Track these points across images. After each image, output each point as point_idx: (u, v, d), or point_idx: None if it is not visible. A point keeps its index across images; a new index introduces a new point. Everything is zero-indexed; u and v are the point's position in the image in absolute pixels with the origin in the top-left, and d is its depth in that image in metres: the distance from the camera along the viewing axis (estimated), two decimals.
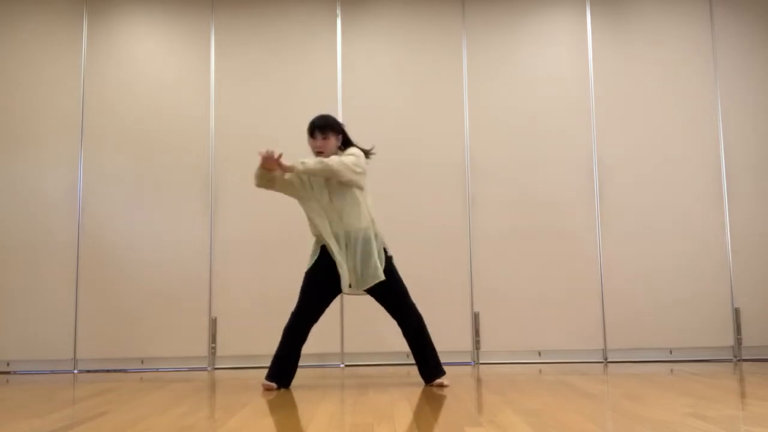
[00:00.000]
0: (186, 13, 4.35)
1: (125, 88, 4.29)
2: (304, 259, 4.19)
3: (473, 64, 4.36)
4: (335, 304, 4.14)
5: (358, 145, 3.27)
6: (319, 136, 3.16)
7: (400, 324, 3.19)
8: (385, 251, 3.17)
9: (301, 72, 4.33)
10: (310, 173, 3.07)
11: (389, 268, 3.15)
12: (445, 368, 3.20)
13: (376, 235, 3.13)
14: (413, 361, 3.24)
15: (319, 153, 3.17)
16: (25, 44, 4.29)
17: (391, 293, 3.15)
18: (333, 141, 3.19)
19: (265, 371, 3.15)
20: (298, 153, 4.25)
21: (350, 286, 3.11)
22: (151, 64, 4.32)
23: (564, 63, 4.37)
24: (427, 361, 3.17)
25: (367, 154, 3.25)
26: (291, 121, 4.27)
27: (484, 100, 4.33)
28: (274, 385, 3.09)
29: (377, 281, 3.07)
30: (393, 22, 4.39)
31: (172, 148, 4.24)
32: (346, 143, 3.28)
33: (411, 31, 4.38)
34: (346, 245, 3.09)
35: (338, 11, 4.38)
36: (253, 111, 4.30)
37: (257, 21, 4.36)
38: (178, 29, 4.34)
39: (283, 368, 3.14)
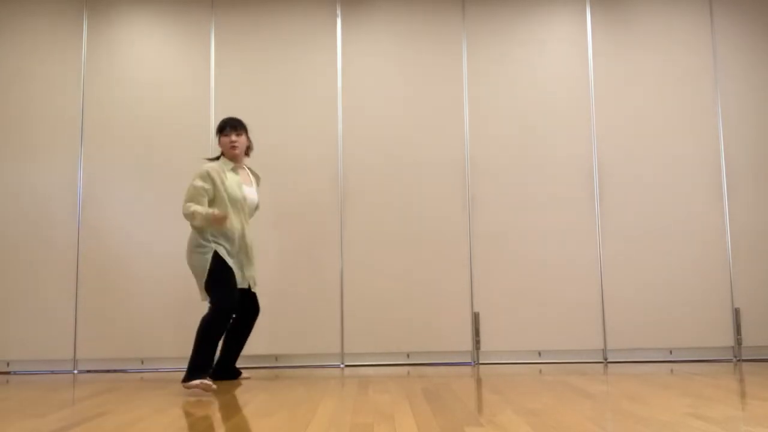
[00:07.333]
0: (186, 12, 4.35)
1: (125, 87, 4.29)
2: (304, 259, 4.20)
3: (473, 63, 4.37)
4: (335, 303, 4.15)
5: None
6: (232, 133, 3.43)
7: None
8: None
9: (301, 72, 4.33)
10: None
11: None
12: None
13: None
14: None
15: (233, 148, 3.41)
16: (25, 44, 4.30)
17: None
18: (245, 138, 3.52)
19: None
20: (298, 152, 4.27)
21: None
22: (151, 63, 4.32)
23: (564, 63, 4.37)
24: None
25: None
26: (291, 120, 4.28)
27: (484, 100, 4.33)
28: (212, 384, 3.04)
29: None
30: (393, 22, 4.39)
31: (172, 148, 4.24)
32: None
33: (411, 31, 4.38)
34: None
35: (338, 11, 4.38)
36: (253, 110, 4.29)
37: (257, 21, 4.36)
38: (178, 29, 4.35)
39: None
